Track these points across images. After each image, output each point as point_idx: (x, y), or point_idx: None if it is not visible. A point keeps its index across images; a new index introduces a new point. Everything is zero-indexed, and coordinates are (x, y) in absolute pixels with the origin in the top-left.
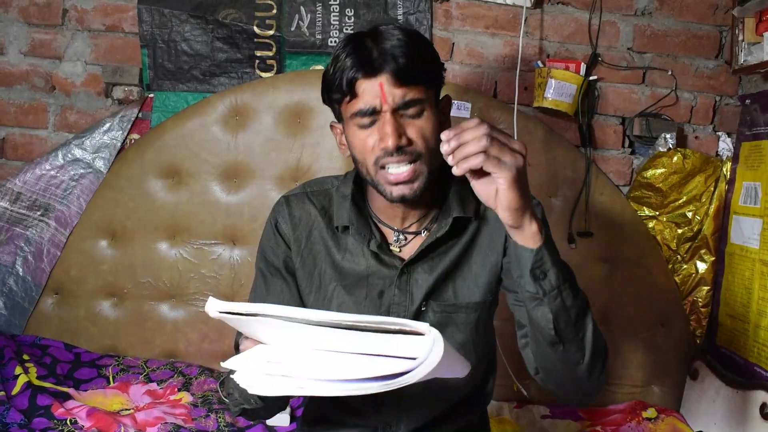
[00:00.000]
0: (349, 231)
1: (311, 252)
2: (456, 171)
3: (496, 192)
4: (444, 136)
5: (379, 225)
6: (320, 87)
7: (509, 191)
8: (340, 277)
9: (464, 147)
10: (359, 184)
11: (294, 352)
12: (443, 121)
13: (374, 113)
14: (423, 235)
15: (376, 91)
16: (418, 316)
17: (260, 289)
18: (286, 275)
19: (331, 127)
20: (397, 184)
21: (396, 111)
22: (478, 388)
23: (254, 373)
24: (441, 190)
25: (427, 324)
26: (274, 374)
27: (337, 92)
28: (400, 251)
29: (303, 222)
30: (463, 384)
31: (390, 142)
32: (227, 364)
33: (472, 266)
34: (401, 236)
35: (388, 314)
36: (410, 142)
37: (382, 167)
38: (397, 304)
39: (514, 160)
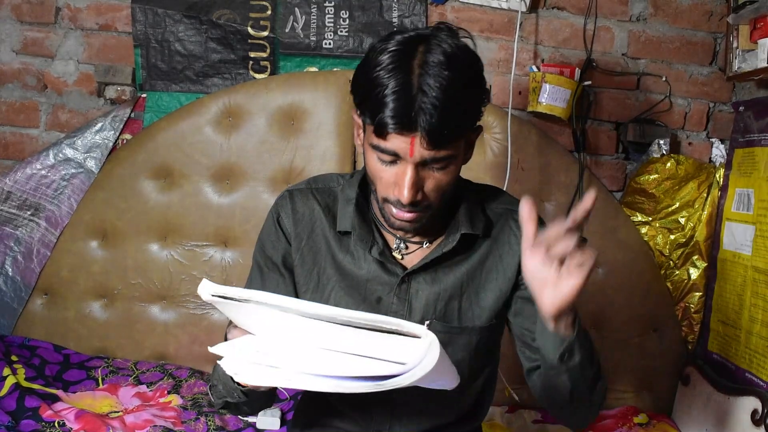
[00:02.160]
0: (351, 236)
1: (312, 249)
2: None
3: (550, 285)
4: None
5: (382, 230)
6: (314, 89)
7: (571, 293)
8: (340, 277)
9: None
10: (364, 187)
11: (284, 344)
12: (468, 150)
13: (397, 156)
14: (425, 246)
15: (405, 144)
16: None
17: (255, 281)
18: (283, 270)
19: (354, 113)
20: (399, 219)
21: (420, 164)
22: (474, 404)
23: (241, 361)
24: (450, 207)
25: (425, 327)
26: (261, 364)
27: (366, 117)
28: (402, 258)
29: (306, 218)
30: (458, 401)
31: (404, 198)
32: (215, 349)
33: (479, 289)
34: (402, 244)
35: None
36: (425, 196)
37: (389, 201)
38: (395, 313)
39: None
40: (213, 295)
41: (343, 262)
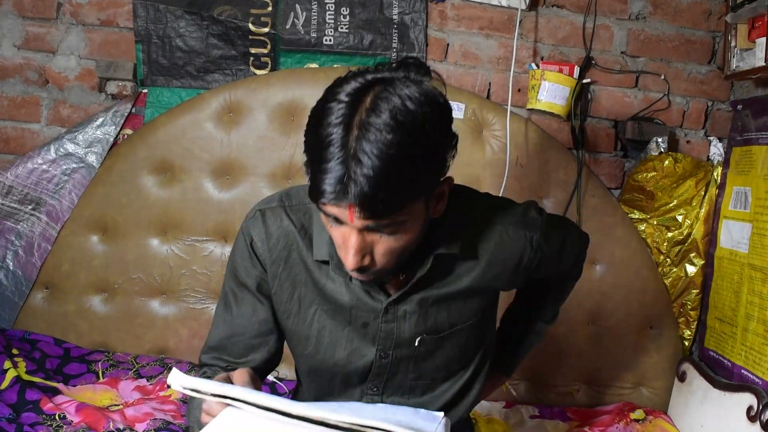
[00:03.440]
0: (330, 265)
1: (290, 275)
2: None
3: None
4: None
5: None
6: (314, 85)
7: None
8: (323, 301)
9: None
10: None
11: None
12: (435, 204)
13: (339, 221)
14: (401, 278)
15: (344, 211)
16: (411, 347)
17: (230, 310)
18: (259, 296)
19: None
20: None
21: (364, 229)
22: (463, 392)
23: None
24: (426, 239)
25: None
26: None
27: (307, 172)
28: (383, 285)
29: (281, 242)
30: (448, 391)
31: (349, 264)
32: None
33: (467, 299)
34: None
35: (374, 343)
36: (373, 262)
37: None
38: (383, 339)
39: None
40: (184, 388)
41: (325, 287)
